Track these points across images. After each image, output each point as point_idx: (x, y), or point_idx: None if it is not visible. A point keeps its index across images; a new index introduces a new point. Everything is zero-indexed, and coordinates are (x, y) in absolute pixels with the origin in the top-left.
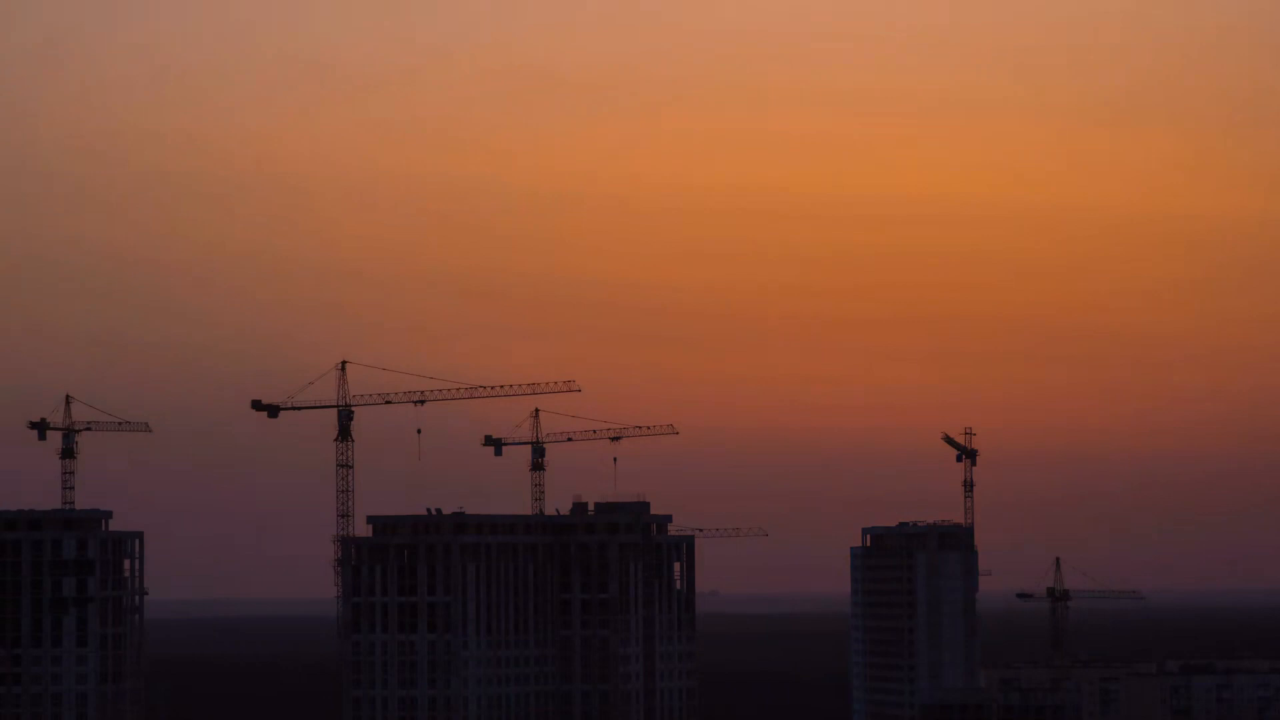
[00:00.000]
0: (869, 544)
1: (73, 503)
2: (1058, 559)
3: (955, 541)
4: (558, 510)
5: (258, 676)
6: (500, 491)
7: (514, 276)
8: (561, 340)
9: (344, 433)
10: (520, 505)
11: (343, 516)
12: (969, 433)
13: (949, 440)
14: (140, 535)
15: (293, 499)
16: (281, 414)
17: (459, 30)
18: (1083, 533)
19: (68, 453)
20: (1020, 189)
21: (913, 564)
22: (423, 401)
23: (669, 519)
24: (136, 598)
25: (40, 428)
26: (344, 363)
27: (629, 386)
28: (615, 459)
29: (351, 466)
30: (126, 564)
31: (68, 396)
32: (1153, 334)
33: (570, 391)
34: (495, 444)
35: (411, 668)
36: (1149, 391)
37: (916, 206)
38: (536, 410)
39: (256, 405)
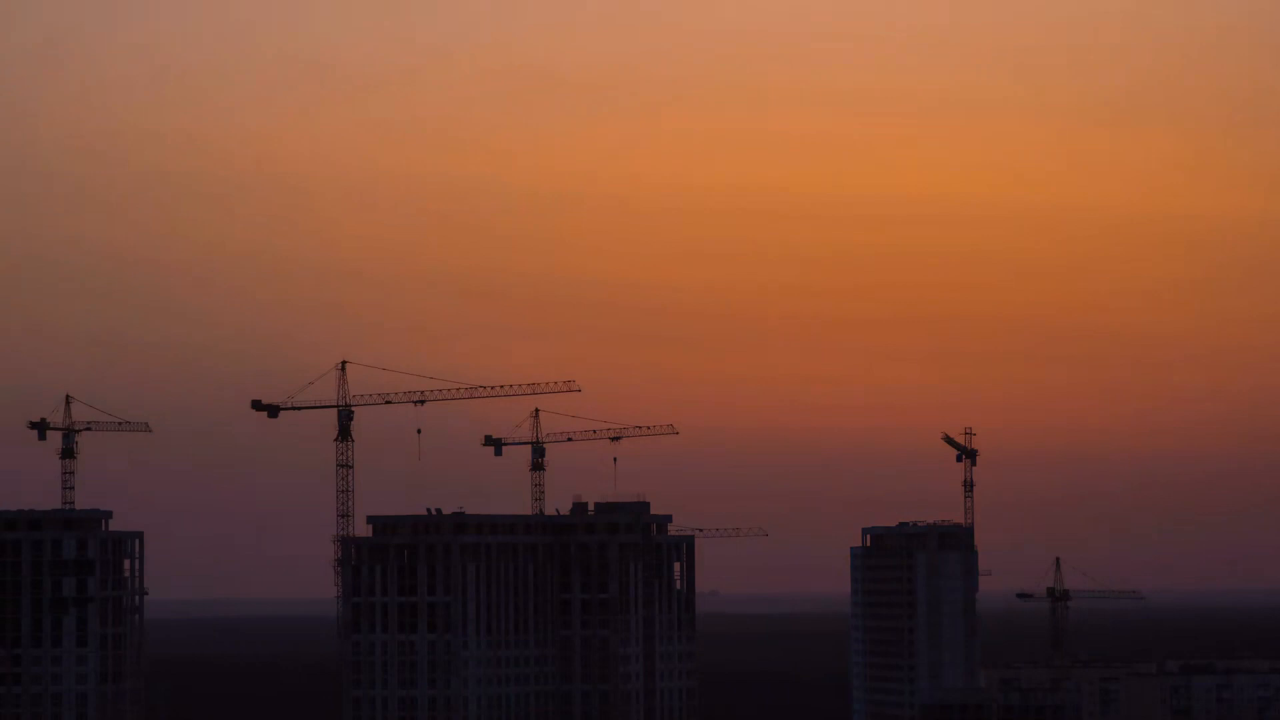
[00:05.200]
0: (869, 544)
1: (73, 503)
2: (1058, 559)
3: (955, 541)
4: (558, 510)
5: (258, 676)
6: (500, 491)
7: (514, 276)
8: (561, 340)
9: (344, 433)
10: (520, 505)
11: (343, 516)
12: (969, 433)
13: (949, 440)
14: (140, 535)
15: (293, 499)
16: (281, 414)
17: (459, 30)
18: (1083, 533)
19: (68, 453)
20: (1020, 189)
21: (913, 564)
22: (423, 401)
23: (669, 519)
24: (136, 598)
25: (40, 428)
26: (344, 363)
27: (629, 386)
28: (615, 459)
29: (351, 466)
30: (126, 564)
31: (68, 396)
32: (1153, 334)
33: (570, 391)
34: (495, 444)
35: (411, 668)
36: (1149, 391)
37: (916, 206)
38: (536, 410)
39: (256, 405)
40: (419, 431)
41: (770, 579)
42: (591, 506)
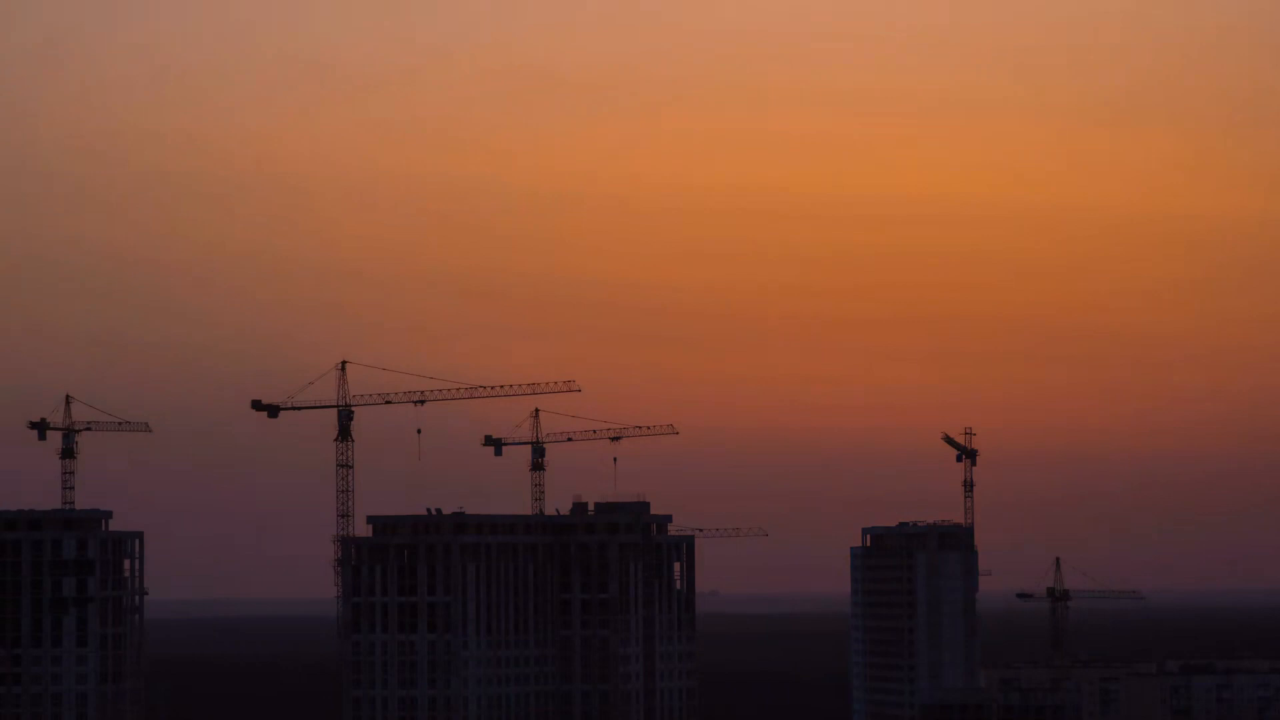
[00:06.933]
0: (869, 544)
1: (73, 503)
2: (1058, 559)
3: (955, 541)
4: (558, 510)
5: (258, 676)
6: (500, 491)
7: (514, 276)
8: (561, 340)
9: (344, 433)
10: (520, 505)
11: (343, 516)
12: (969, 433)
13: (949, 440)
14: (140, 535)
15: (293, 499)
16: (281, 414)
17: (459, 30)
18: (1083, 533)
19: (68, 453)
20: (1020, 189)
21: (913, 564)
22: (423, 401)
23: (669, 519)
24: (136, 598)
25: (40, 428)
26: (344, 363)
27: (629, 386)
28: (615, 459)
29: (351, 466)
30: (126, 564)
31: (68, 396)
32: (1153, 334)
33: (570, 391)
34: (495, 444)
35: (411, 668)
36: (1149, 391)
37: (916, 206)
38: (536, 410)
39: (256, 405)
40: (419, 431)
41: (770, 579)
42: (591, 506)
